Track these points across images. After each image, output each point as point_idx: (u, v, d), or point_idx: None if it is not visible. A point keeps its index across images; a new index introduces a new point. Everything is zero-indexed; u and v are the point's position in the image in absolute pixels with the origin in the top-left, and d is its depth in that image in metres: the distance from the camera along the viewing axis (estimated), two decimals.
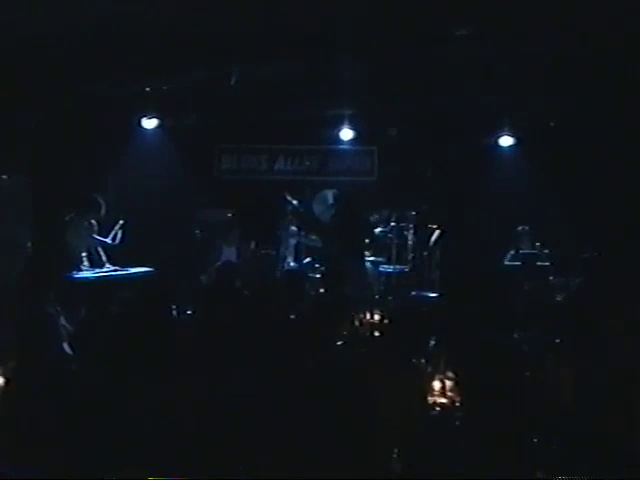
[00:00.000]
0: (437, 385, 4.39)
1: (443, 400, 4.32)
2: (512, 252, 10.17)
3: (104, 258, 8.91)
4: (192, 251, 10.59)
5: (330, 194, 11.80)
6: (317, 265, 10.31)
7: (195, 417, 3.91)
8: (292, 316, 5.67)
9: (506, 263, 10.09)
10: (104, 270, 8.68)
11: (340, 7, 7.18)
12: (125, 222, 9.31)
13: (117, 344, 4.19)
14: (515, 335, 6.14)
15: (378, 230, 10.50)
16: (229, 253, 10.40)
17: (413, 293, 9.61)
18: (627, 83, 9.05)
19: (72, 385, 3.94)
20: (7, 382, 4.24)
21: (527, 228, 10.29)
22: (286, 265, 10.52)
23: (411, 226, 10.61)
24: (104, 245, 9.02)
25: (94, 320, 5.23)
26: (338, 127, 11.44)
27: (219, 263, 9.27)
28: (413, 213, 10.62)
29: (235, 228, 10.68)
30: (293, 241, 10.74)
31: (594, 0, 7.05)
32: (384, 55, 8.74)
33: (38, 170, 10.28)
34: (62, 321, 5.30)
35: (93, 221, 8.97)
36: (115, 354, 4.12)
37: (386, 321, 4.93)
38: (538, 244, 10.04)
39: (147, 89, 10.12)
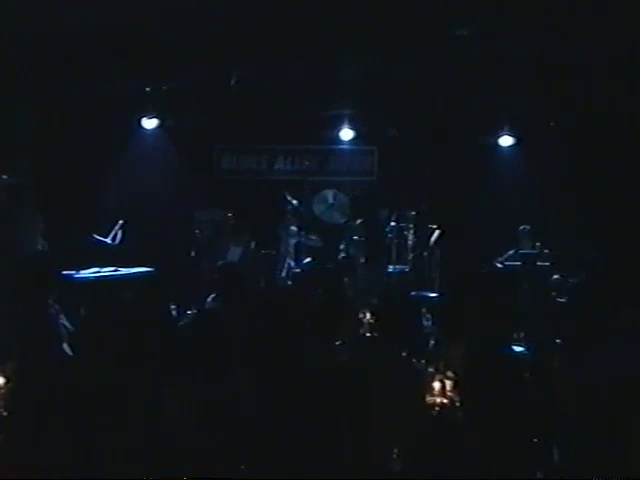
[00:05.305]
0: (437, 385, 4.39)
1: (443, 400, 4.32)
2: (512, 252, 10.17)
3: None
4: (192, 251, 10.58)
5: (330, 194, 11.82)
6: (317, 265, 10.29)
7: (195, 417, 3.91)
8: (292, 316, 5.66)
9: (506, 263, 10.08)
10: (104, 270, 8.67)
11: (340, 7, 7.19)
12: (125, 222, 9.30)
13: (117, 344, 4.19)
14: (515, 335, 6.15)
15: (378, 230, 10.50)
16: (233, 253, 10.38)
17: (413, 293, 9.60)
18: (627, 83, 9.05)
19: (72, 385, 3.94)
20: (7, 382, 4.23)
21: (528, 227, 10.29)
22: (286, 265, 10.51)
23: (411, 226, 10.60)
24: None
25: (94, 320, 5.22)
26: (338, 127, 11.44)
27: (221, 263, 9.25)
28: (413, 213, 10.61)
29: (239, 228, 10.66)
30: (293, 241, 10.72)
31: (594, 1, 7.06)
32: (384, 55, 8.75)
33: (38, 170, 10.28)
34: (62, 321, 5.30)
35: None
36: (115, 354, 4.12)
37: (386, 321, 4.92)
38: (538, 244, 10.04)
39: (147, 89, 10.13)
